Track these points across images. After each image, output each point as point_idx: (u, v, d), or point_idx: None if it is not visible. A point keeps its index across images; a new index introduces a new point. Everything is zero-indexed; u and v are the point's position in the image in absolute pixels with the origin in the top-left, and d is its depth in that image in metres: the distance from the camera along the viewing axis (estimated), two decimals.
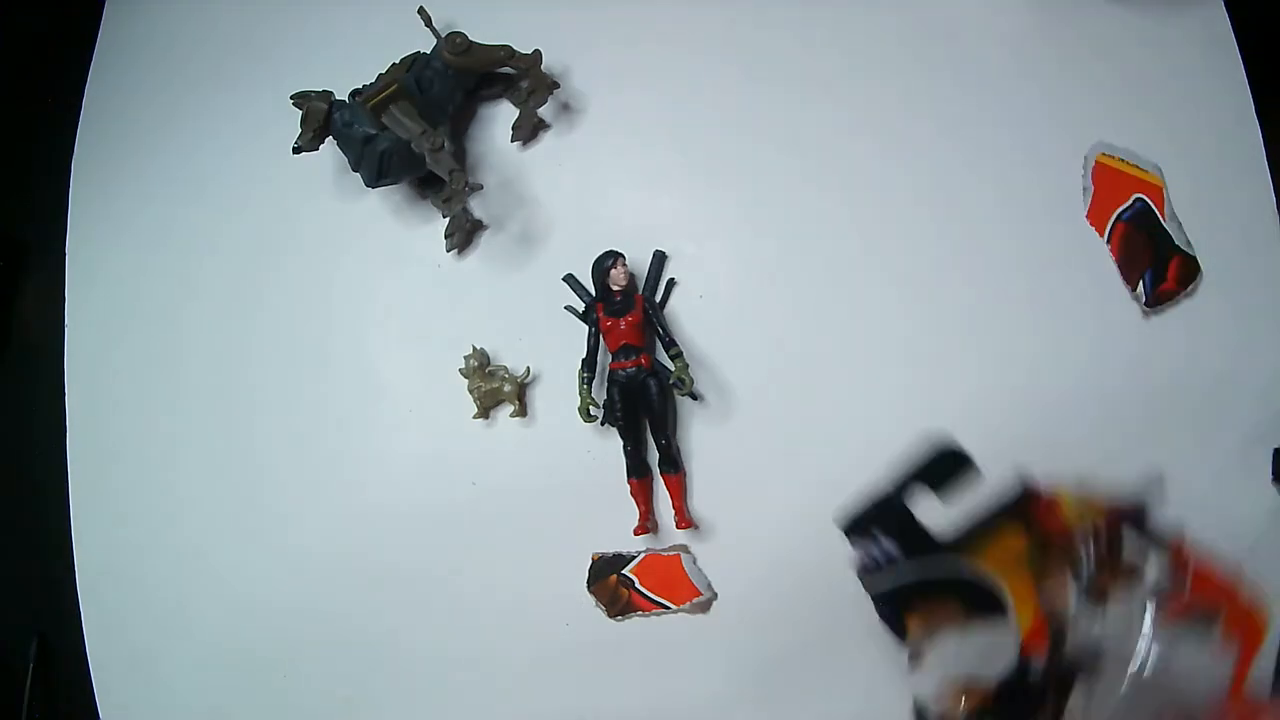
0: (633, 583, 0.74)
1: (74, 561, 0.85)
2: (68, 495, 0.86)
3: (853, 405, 0.73)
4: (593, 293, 0.76)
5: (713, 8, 0.81)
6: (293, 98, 0.78)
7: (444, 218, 0.79)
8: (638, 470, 0.74)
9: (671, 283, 0.77)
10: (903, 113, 0.77)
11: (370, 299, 0.83)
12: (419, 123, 0.76)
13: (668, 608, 0.74)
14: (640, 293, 0.76)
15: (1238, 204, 0.73)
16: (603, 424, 0.75)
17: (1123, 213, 0.73)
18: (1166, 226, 0.72)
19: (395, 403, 0.80)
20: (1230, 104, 0.74)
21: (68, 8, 0.97)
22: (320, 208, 0.85)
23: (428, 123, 0.76)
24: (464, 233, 0.80)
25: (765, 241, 0.77)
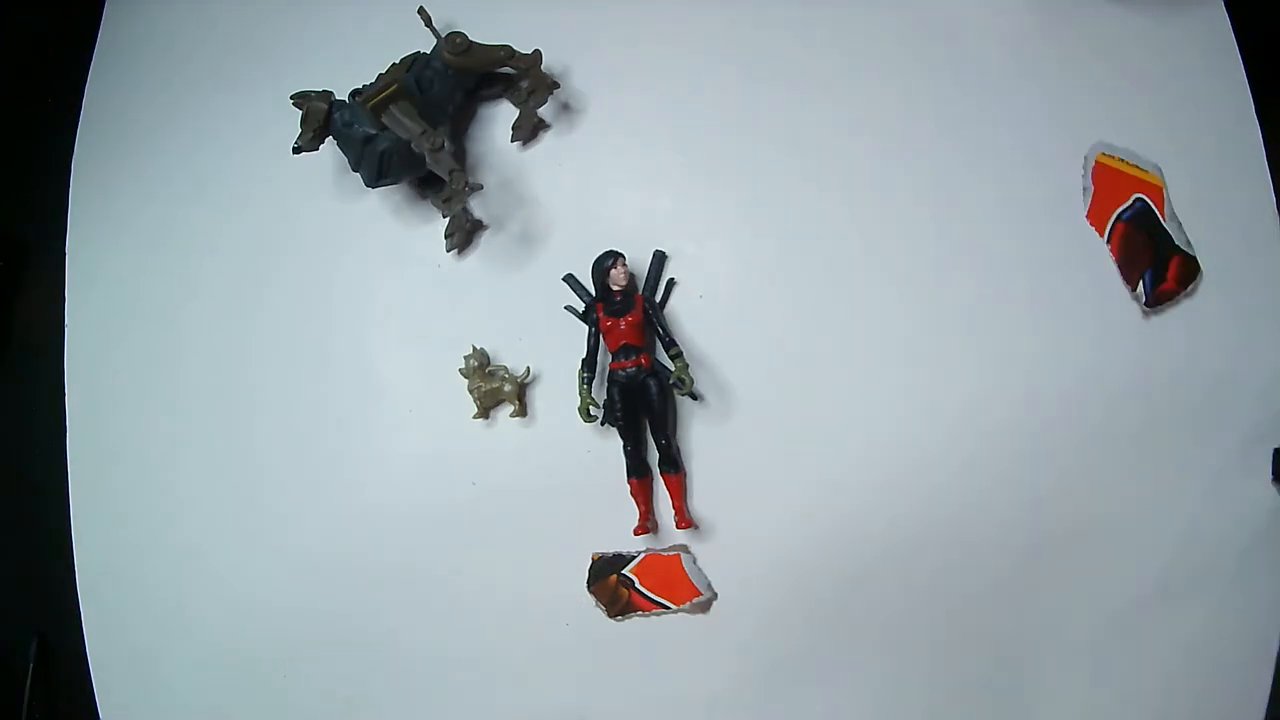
0: (633, 583, 0.74)
1: (74, 561, 0.85)
2: (68, 495, 0.86)
3: (853, 405, 0.73)
4: (593, 293, 0.76)
5: (713, 8, 0.81)
6: (293, 98, 0.78)
7: (444, 218, 0.79)
8: (638, 470, 0.74)
9: (671, 283, 0.77)
10: (903, 113, 0.77)
11: (370, 299, 0.83)
12: (419, 123, 0.76)
13: (668, 608, 0.74)
14: (640, 293, 0.76)
15: (1238, 204, 0.73)
16: (603, 424, 0.75)
17: (1123, 213, 0.73)
18: (1166, 226, 0.72)
19: (395, 403, 0.80)
20: (1230, 104, 0.74)
21: (68, 8, 0.96)
22: (320, 208, 0.85)
23: (428, 123, 0.76)
24: (464, 233, 0.80)
25: (765, 241, 0.77)
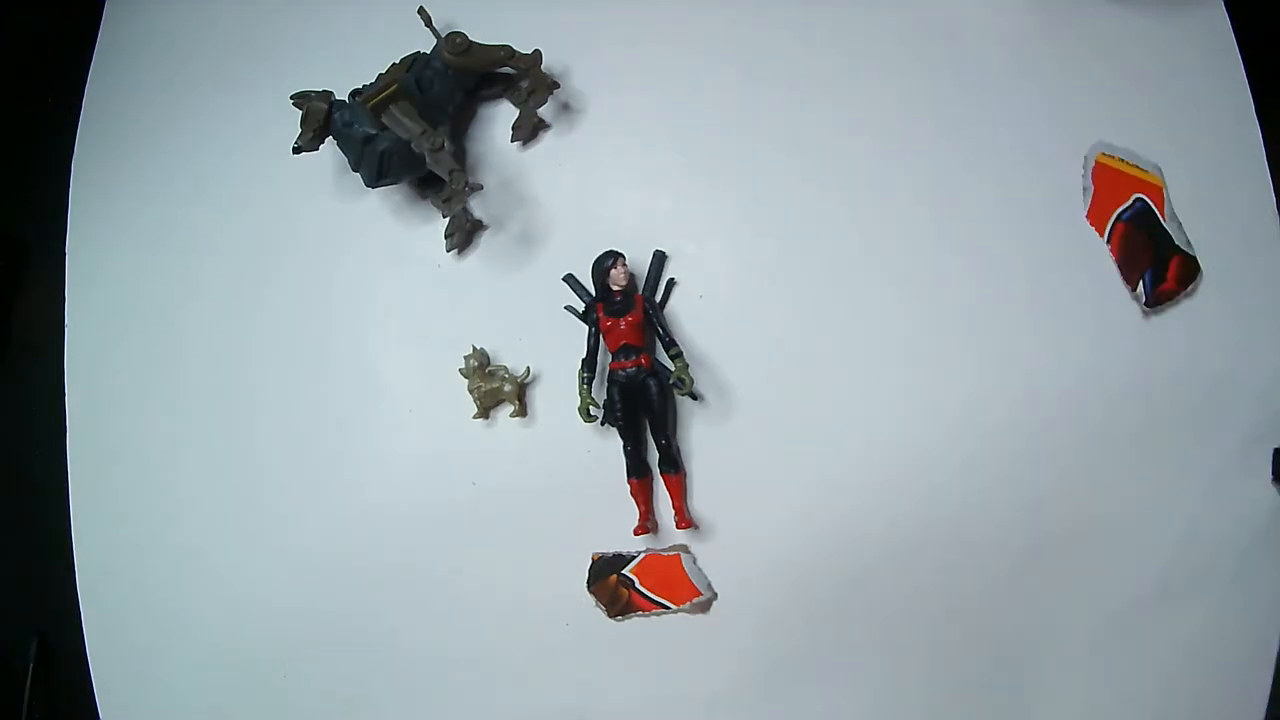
0: (633, 583, 0.74)
1: (74, 561, 0.85)
2: (68, 495, 0.86)
3: (853, 405, 0.73)
4: (593, 293, 0.76)
5: (713, 8, 0.81)
6: (293, 98, 0.78)
7: (444, 218, 0.79)
8: (638, 470, 0.74)
9: (671, 283, 0.77)
10: (903, 113, 0.77)
11: (370, 299, 0.83)
12: (419, 123, 0.76)
13: (668, 608, 0.74)
14: (640, 293, 0.76)
15: (1238, 204, 0.73)
16: (603, 424, 0.75)
17: (1123, 213, 0.73)
18: (1166, 226, 0.72)
19: (395, 403, 0.80)
20: (1230, 104, 0.74)
21: (68, 8, 0.96)
22: (320, 208, 0.85)
23: (428, 123, 0.76)
24: (464, 233, 0.80)
25: (765, 241, 0.77)
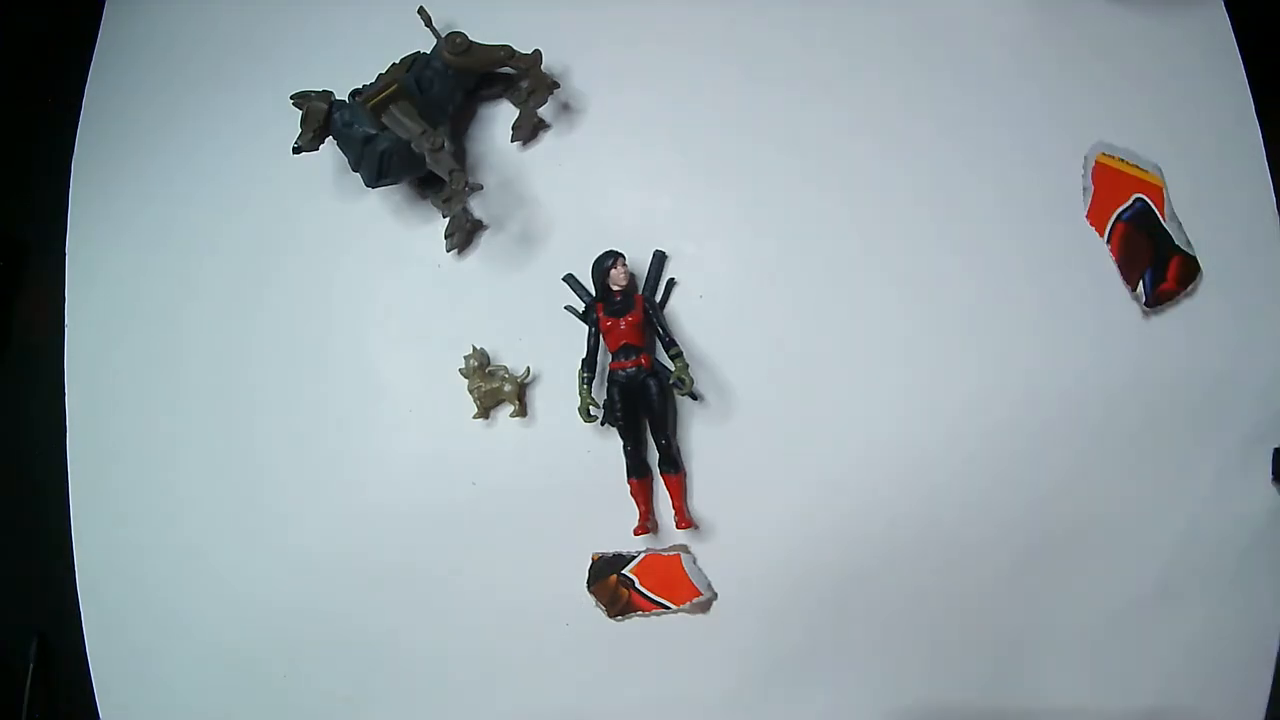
0: (633, 583, 0.74)
1: (74, 561, 0.85)
2: (68, 495, 0.86)
3: (853, 405, 0.73)
4: (593, 293, 0.76)
5: (713, 8, 0.81)
6: (293, 98, 0.78)
7: (444, 218, 0.79)
8: (638, 470, 0.74)
9: (671, 283, 0.77)
10: (903, 113, 0.77)
11: (370, 299, 0.83)
12: (419, 123, 0.76)
13: (668, 608, 0.74)
14: (640, 293, 0.76)
15: (1238, 204, 0.73)
16: (603, 424, 0.75)
17: (1123, 213, 0.73)
18: (1166, 226, 0.72)
19: (395, 403, 0.80)
20: (1230, 104, 0.74)
21: (68, 8, 0.96)
22: (320, 208, 0.85)
23: (428, 123, 0.76)
24: (464, 233, 0.80)
25: (765, 241, 0.77)
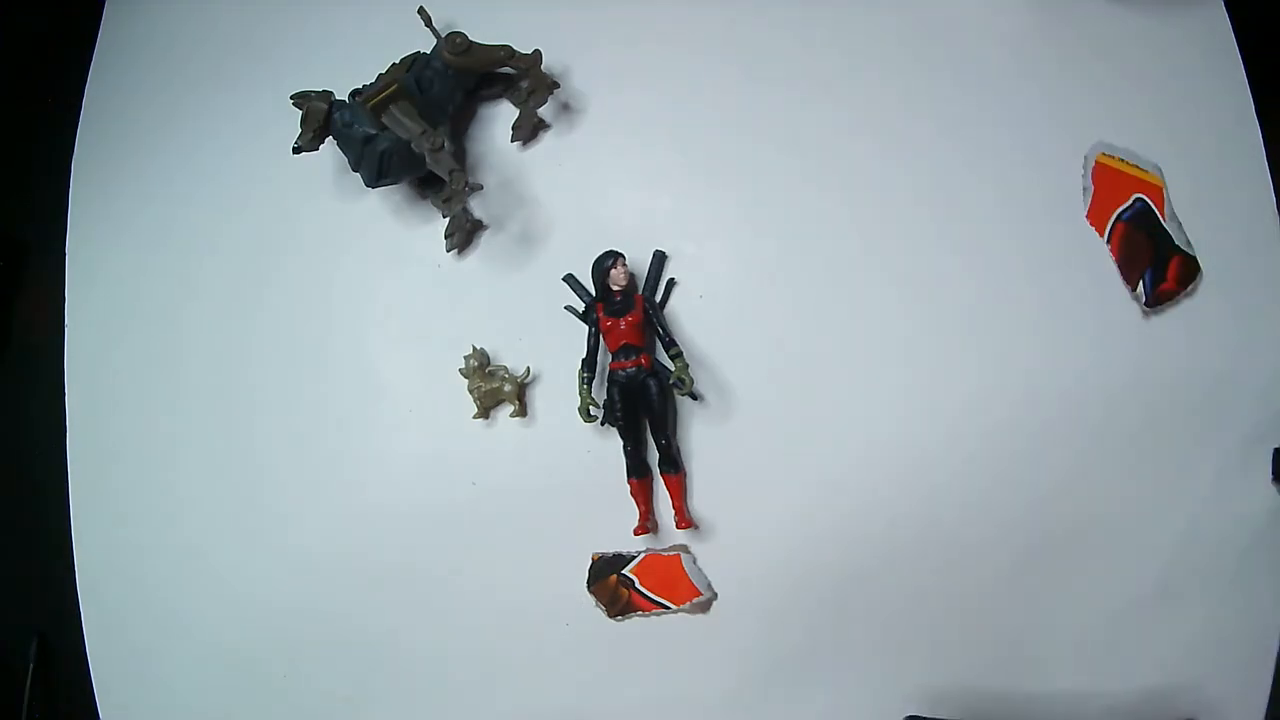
0: (633, 583, 0.74)
1: (74, 561, 0.85)
2: (68, 495, 0.86)
3: (853, 405, 0.73)
4: (593, 293, 0.76)
5: (713, 8, 0.81)
6: (293, 98, 0.78)
7: (444, 218, 0.79)
8: (638, 470, 0.74)
9: (671, 283, 0.77)
10: (903, 113, 0.77)
11: (370, 299, 0.83)
12: (419, 123, 0.76)
13: (668, 608, 0.74)
14: (640, 293, 0.76)
15: (1238, 204, 0.73)
16: (603, 424, 0.75)
17: (1123, 213, 0.73)
18: (1166, 226, 0.72)
19: (395, 403, 0.80)
20: (1230, 104, 0.74)
21: (68, 8, 0.96)
22: (320, 208, 0.85)
23: (428, 123, 0.76)
24: (464, 233, 0.80)
25: (765, 241, 0.77)
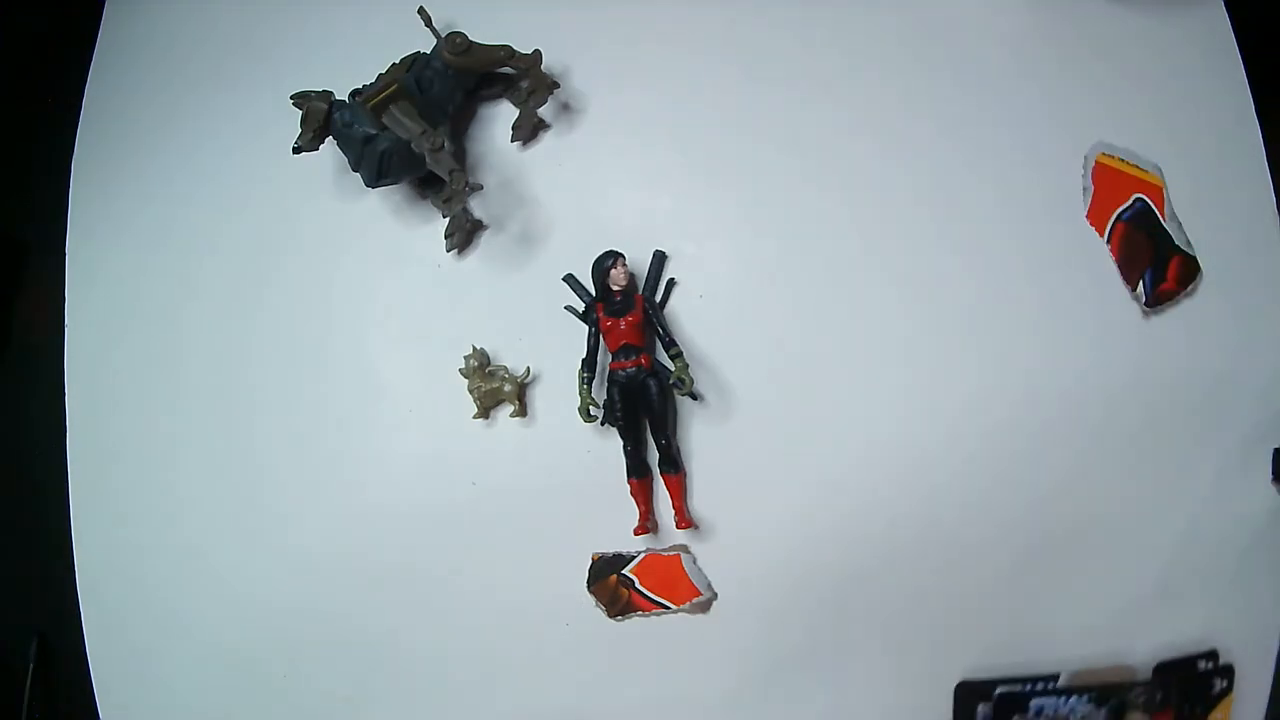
0: (633, 583, 0.74)
1: (74, 561, 0.85)
2: (68, 495, 0.86)
3: (853, 405, 0.73)
4: (593, 293, 0.76)
5: (713, 8, 0.81)
6: (293, 98, 0.78)
7: (444, 218, 0.79)
8: (638, 470, 0.74)
9: (671, 283, 0.77)
10: (903, 113, 0.77)
11: (370, 299, 0.83)
12: (419, 123, 0.76)
13: (668, 608, 0.74)
14: (640, 293, 0.76)
15: (1238, 204, 0.73)
16: (603, 424, 0.75)
17: (1123, 213, 0.73)
18: (1166, 226, 0.72)
19: (395, 403, 0.80)
20: (1230, 104, 0.74)
21: (68, 8, 0.96)
22: (320, 208, 0.85)
23: (428, 123, 0.76)
24: (464, 233, 0.80)
25: (765, 241, 0.77)
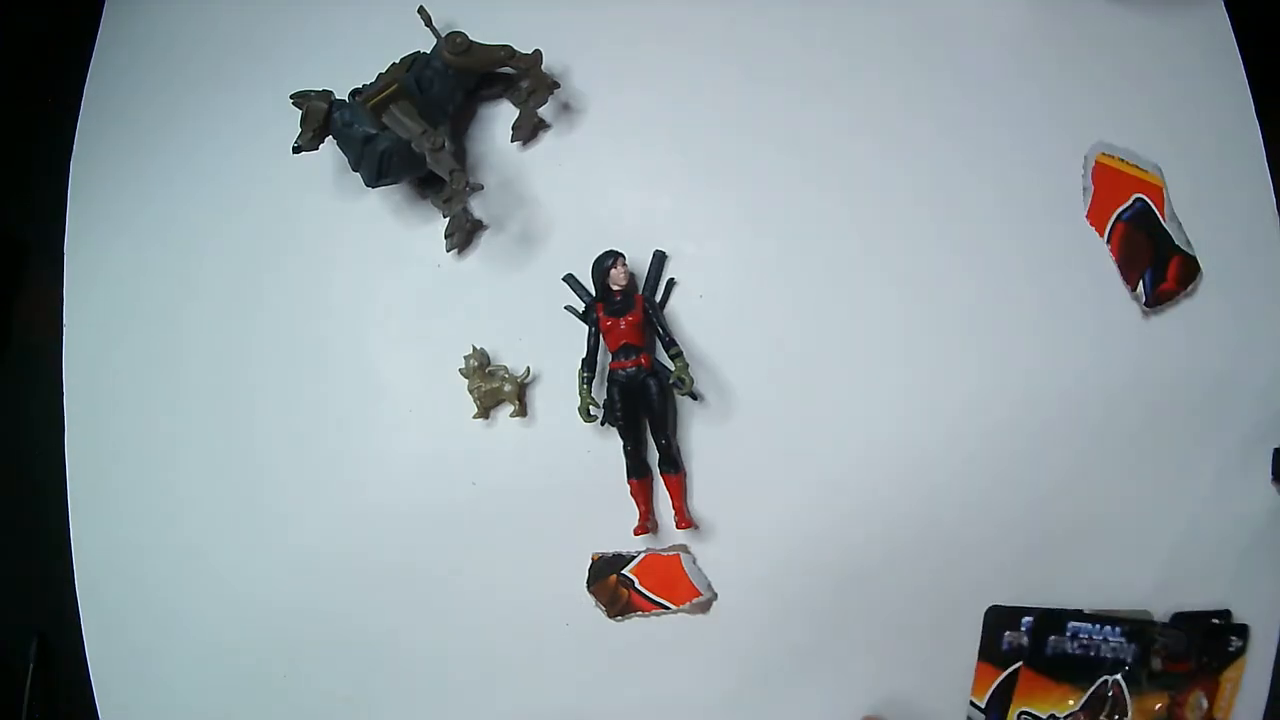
0: (633, 583, 0.74)
1: (74, 561, 0.85)
2: (67, 495, 0.86)
3: (853, 405, 0.73)
4: (593, 293, 0.76)
5: (713, 8, 0.81)
6: (293, 98, 0.78)
7: (444, 218, 0.79)
8: (638, 470, 0.74)
9: (671, 283, 0.77)
10: (903, 113, 0.77)
11: (370, 299, 0.83)
12: (419, 123, 0.76)
13: (668, 608, 0.74)
14: (640, 293, 0.76)
15: (1238, 204, 0.73)
16: (603, 424, 0.75)
17: (1123, 213, 0.73)
18: (1166, 226, 0.72)
19: (395, 403, 0.80)
20: (1230, 104, 0.74)
21: (68, 8, 0.96)
22: (320, 208, 0.85)
23: (428, 123, 0.76)
24: (464, 233, 0.80)
25: (765, 241, 0.77)
